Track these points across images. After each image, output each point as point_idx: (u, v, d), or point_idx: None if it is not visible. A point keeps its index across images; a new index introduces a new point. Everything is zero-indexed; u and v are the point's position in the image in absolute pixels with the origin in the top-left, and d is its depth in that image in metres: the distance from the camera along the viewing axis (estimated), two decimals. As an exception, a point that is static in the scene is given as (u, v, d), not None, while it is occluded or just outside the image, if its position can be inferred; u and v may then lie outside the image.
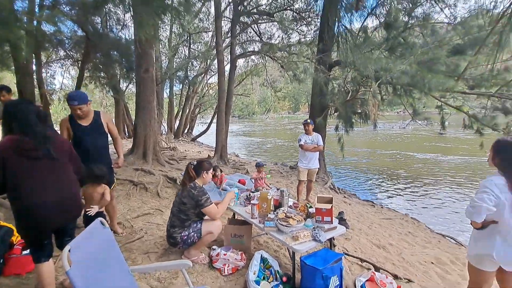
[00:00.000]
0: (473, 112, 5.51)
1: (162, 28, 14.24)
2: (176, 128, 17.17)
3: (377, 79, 5.19)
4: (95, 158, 2.74)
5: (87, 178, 2.58)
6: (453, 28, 6.60)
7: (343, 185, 7.89)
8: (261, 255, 2.46)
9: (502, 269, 1.80)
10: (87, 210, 2.57)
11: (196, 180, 2.64)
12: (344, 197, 6.13)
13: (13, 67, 7.28)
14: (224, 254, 2.65)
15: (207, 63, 15.35)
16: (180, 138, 16.44)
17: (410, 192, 7.34)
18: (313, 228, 2.41)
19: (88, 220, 2.63)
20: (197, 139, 17.18)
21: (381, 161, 11.61)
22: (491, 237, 1.77)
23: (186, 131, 18.21)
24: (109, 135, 3.06)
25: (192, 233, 2.59)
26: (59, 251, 1.97)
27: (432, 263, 3.42)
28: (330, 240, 2.60)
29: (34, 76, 8.18)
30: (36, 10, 7.73)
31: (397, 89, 5.65)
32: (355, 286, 2.36)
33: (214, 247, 2.87)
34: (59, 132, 2.79)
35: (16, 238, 2.58)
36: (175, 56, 15.39)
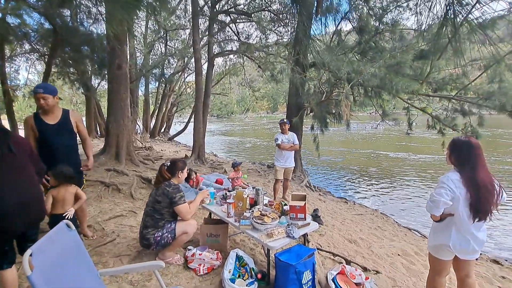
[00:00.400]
0: (436, 114, 5.93)
1: (137, 23, 13.79)
2: (152, 127, 16.69)
3: (350, 81, 5.40)
4: (62, 159, 2.60)
5: (57, 179, 2.46)
6: (419, 34, 7.04)
7: (319, 183, 8.13)
8: (237, 253, 2.49)
9: (457, 258, 1.96)
10: (60, 213, 2.46)
11: (171, 180, 2.61)
12: (320, 194, 6.32)
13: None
14: (200, 254, 2.65)
15: (184, 61, 15.07)
16: (156, 138, 16.01)
17: (382, 189, 7.72)
18: (287, 225, 2.48)
19: (54, 223, 2.51)
20: (174, 139, 16.82)
21: (355, 160, 12.09)
22: (448, 229, 1.93)
23: (162, 130, 17.78)
24: (78, 136, 2.93)
25: (166, 234, 2.55)
26: (21, 257, 1.87)
27: (398, 255, 3.64)
28: (304, 236, 2.69)
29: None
30: (1, 1, 7.21)
31: (368, 91, 5.92)
32: (327, 279, 2.46)
33: (189, 247, 2.85)
34: (22, 132, 2.65)
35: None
36: (151, 53, 14.95)
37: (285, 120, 4.96)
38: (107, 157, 5.81)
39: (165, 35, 14.19)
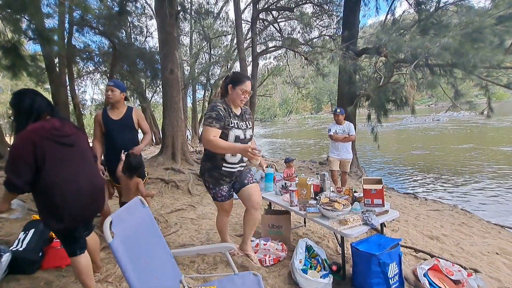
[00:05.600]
0: (526, 90, 4.92)
1: (183, 34, 14.64)
2: (200, 133, 17.44)
3: (413, 61, 4.81)
4: (122, 151, 2.64)
5: (127, 170, 2.54)
6: (492, 2, 6.04)
7: (378, 179, 7.40)
8: (306, 243, 2.27)
9: None
10: (124, 201, 2.55)
11: (226, 99, 2.09)
12: (382, 190, 5.72)
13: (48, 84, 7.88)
14: (264, 244, 2.50)
15: (227, 67, 15.48)
16: (204, 143, 16.65)
17: (456, 185, 6.69)
18: (362, 211, 2.18)
19: None
20: (221, 143, 17.28)
21: (418, 156, 10.87)
22: None
23: (210, 135, 18.43)
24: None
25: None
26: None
27: (496, 253, 3.01)
28: (381, 226, 2.35)
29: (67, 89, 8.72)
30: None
31: (435, 70, 5.20)
32: (415, 275, 2.09)
33: (252, 238, 2.72)
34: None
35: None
36: (196, 62, 15.71)
37: (338, 110, 4.60)
38: (165, 157, 6.10)
39: (209, 43, 14.79)
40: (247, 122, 2.15)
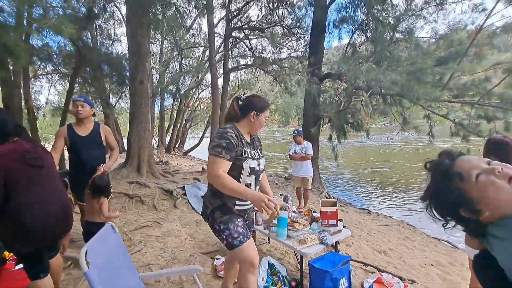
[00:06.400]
0: (459, 120, 5.77)
1: (153, 43, 14.40)
2: (167, 143, 17.00)
3: (368, 90, 5.39)
4: (89, 168, 2.57)
5: (92, 189, 2.49)
6: (435, 42, 7.03)
7: (338, 194, 7.95)
8: (269, 261, 2.44)
9: None
10: (88, 220, 2.49)
11: (236, 124, 1.73)
12: (341, 205, 6.16)
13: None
14: (229, 262, 2.61)
15: (198, 78, 15.48)
16: (171, 153, 16.25)
17: (404, 200, 7.45)
18: (319, 231, 2.42)
19: (89, 233, 2.53)
20: (188, 153, 17.02)
21: (373, 172, 11.82)
22: None
23: (177, 145, 18.04)
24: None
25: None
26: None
27: (432, 265, 3.46)
28: (336, 244, 2.62)
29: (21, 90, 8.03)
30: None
31: (386, 99, 5.87)
32: (362, 287, 2.36)
33: (217, 256, 2.83)
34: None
35: (9, 253, 2.45)
36: (166, 71, 15.47)
37: (295, 131, 4.97)
38: (129, 170, 5.92)
39: (180, 53, 14.72)
40: (258, 150, 1.82)
